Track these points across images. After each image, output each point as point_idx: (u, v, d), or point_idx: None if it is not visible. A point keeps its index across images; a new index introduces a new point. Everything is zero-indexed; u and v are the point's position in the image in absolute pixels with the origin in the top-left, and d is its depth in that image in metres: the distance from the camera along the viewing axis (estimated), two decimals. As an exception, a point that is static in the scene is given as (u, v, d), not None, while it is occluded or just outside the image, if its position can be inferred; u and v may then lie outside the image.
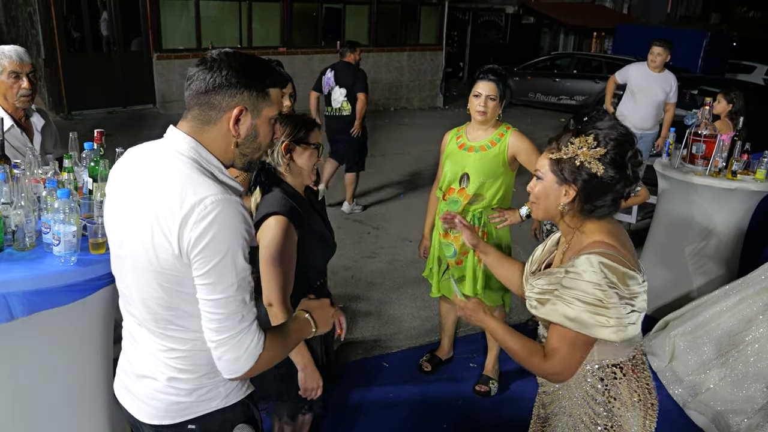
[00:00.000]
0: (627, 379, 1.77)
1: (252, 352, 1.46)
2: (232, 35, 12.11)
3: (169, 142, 1.50)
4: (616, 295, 1.59)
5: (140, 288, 1.52)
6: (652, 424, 1.82)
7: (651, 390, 1.82)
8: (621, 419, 1.77)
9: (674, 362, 3.62)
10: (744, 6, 28.83)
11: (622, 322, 1.60)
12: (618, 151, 1.65)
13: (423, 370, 3.72)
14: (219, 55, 1.48)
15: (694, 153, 4.28)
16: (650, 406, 1.82)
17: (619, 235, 1.72)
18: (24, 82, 2.78)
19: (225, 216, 1.39)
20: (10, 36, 11.03)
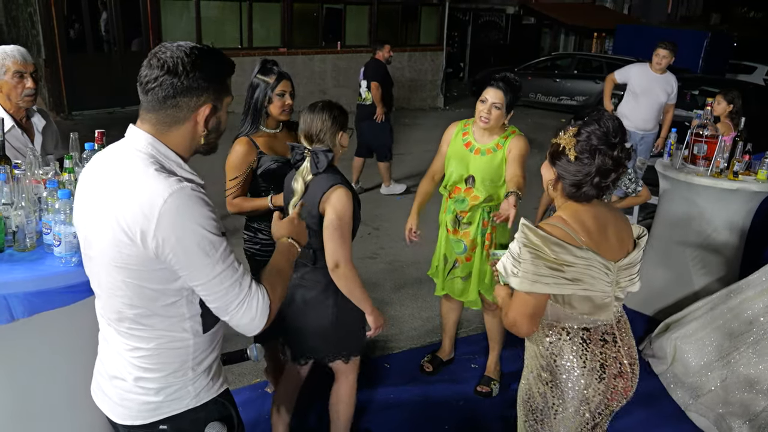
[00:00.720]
0: (573, 344, 1.94)
1: (262, 309, 1.53)
2: (233, 35, 12.11)
3: (129, 142, 1.52)
4: (530, 254, 1.80)
5: (106, 287, 1.55)
6: (595, 396, 1.95)
7: (606, 367, 1.95)
8: (562, 378, 1.95)
9: (675, 364, 3.62)
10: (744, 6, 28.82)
11: (528, 277, 1.81)
12: (591, 140, 1.84)
13: (424, 370, 3.71)
14: (173, 54, 1.46)
15: (695, 153, 4.28)
16: (597, 380, 1.94)
17: (586, 218, 1.89)
18: (29, 81, 2.78)
19: (185, 205, 1.42)
20: (10, 36, 11.02)
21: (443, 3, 14.94)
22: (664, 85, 6.08)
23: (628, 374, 2.00)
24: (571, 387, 1.95)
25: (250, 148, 2.80)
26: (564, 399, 1.97)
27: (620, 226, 1.98)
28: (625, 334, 2.04)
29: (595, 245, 1.86)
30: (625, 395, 2.03)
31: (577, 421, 1.97)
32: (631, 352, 2.04)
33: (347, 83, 13.74)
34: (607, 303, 1.92)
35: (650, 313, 4.51)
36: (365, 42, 13.96)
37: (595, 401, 1.96)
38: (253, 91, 2.81)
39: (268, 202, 2.83)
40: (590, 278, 1.84)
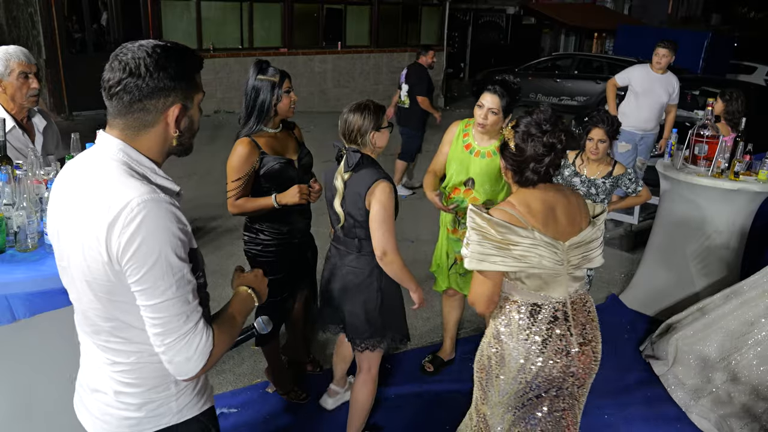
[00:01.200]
0: (520, 317, 2.11)
1: (202, 351, 1.42)
2: (233, 36, 12.12)
3: (99, 149, 1.45)
4: (477, 236, 2.00)
5: (80, 299, 1.49)
6: (533, 368, 2.09)
7: (549, 343, 2.09)
8: (505, 346, 2.13)
9: (676, 366, 3.61)
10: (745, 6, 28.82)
11: (476, 256, 2.00)
12: (525, 130, 2.04)
13: (425, 371, 3.71)
14: (134, 55, 1.38)
15: (696, 154, 4.27)
16: (536, 354, 2.09)
17: (533, 201, 2.06)
18: (33, 82, 2.79)
19: (153, 217, 1.34)
20: (11, 36, 11.03)
21: (444, 3, 14.95)
22: (666, 85, 6.08)
23: (574, 354, 2.11)
24: (510, 354, 2.12)
25: (252, 148, 2.80)
26: (504, 364, 2.14)
27: (572, 207, 2.11)
28: (582, 316, 2.16)
29: (541, 226, 2.02)
30: (573, 374, 2.13)
31: (515, 388, 2.13)
32: (585, 333, 2.15)
33: (348, 83, 13.74)
34: (558, 281, 2.08)
35: (651, 314, 4.51)
36: (366, 42, 13.97)
37: (533, 372, 2.09)
38: (257, 93, 2.80)
39: (272, 202, 2.83)
40: (537, 256, 2.00)
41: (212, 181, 7.49)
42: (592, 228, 2.14)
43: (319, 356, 3.80)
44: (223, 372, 3.59)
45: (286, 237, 3.00)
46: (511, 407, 2.18)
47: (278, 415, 3.24)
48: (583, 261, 2.12)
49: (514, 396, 2.16)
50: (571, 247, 2.07)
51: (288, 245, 3.02)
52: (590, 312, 2.21)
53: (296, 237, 3.06)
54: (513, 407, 2.18)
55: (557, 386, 2.14)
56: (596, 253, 2.16)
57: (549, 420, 2.19)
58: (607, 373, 3.76)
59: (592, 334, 2.19)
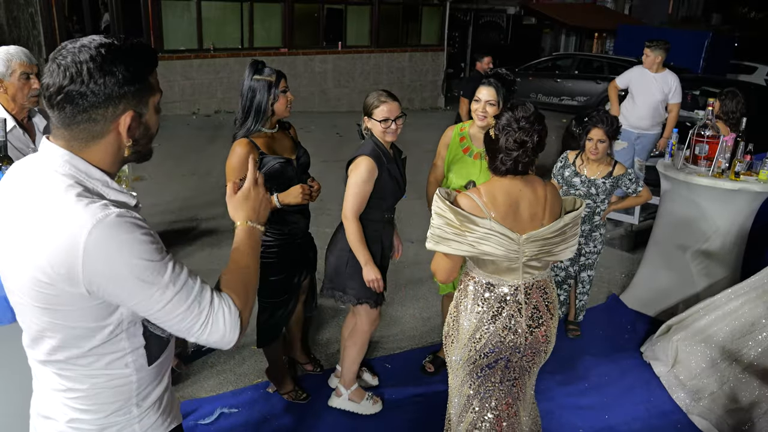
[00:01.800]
0: (476, 291, 2.29)
1: (231, 323, 1.35)
2: (234, 36, 12.12)
3: (43, 160, 1.29)
4: (439, 219, 2.16)
5: (31, 325, 1.34)
6: (482, 339, 2.27)
7: (498, 318, 2.26)
8: (461, 315, 2.33)
9: (677, 367, 3.61)
10: (745, 6, 28.80)
11: (434, 238, 2.17)
12: (503, 123, 2.18)
13: (426, 371, 3.71)
14: (75, 58, 1.22)
15: (696, 154, 4.27)
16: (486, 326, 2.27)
17: (499, 193, 2.19)
18: (35, 82, 2.79)
19: (114, 237, 1.21)
20: (11, 37, 11.04)
21: (444, 3, 14.95)
22: (661, 84, 6.06)
23: (521, 333, 2.28)
24: (464, 323, 2.32)
25: (251, 149, 2.80)
26: (459, 331, 2.33)
27: (537, 203, 2.23)
28: (536, 300, 2.30)
29: (501, 218, 2.16)
30: (519, 351, 2.31)
31: (466, 354, 2.32)
32: (536, 317, 2.30)
33: (348, 83, 13.74)
34: (512, 268, 2.23)
35: (652, 314, 4.51)
36: (366, 42, 13.97)
37: (482, 342, 2.28)
38: (254, 93, 2.81)
39: (275, 202, 2.82)
40: (491, 245, 2.14)
41: (212, 181, 7.49)
42: (555, 224, 2.22)
43: (319, 356, 3.81)
44: (224, 372, 3.59)
45: (287, 237, 3.01)
46: (467, 378, 2.37)
47: (279, 415, 3.24)
48: (542, 254, 2.23)
49: (467, 362, 2.33)
50: (527, 240, 2.18)
51: (289, 245, 3.03)
52: (547, 297, 2.34)
53: (297, 237, 3.07)
54: (469, 378, 2.37)
55: (506, 358, 2.32)
56: (560, 248, 2.25)
57: (501, 389, 2.39)
58: (607, 374, 3.77)
59: (544, 318, 2.32)
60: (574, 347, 4.05)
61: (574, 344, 4.10)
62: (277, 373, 3.35)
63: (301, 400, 3.34)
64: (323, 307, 4.28)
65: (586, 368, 3.81)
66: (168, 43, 11.32)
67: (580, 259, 4.07)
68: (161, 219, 5.89)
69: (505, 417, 2.43)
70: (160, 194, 6.67)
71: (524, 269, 2.24)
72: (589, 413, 3.39)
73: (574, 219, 2.27)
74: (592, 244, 4.01)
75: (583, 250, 4.02)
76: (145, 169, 7.28)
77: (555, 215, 2.27)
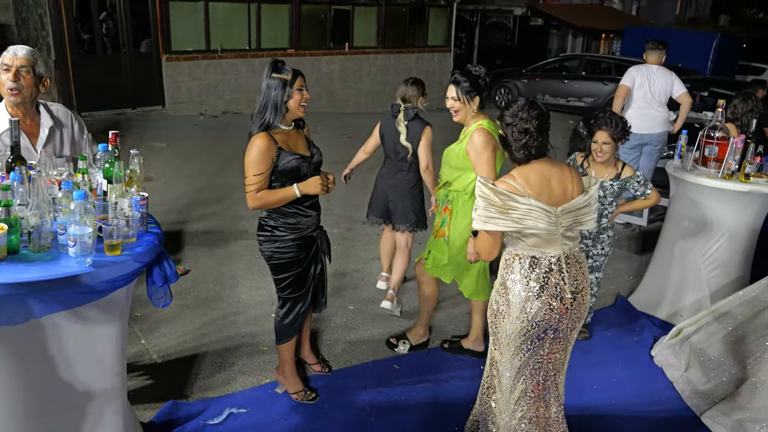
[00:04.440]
0: (522, 266, 2.52)
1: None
2: (241, 37, 12.15)
3: None
4: (483, 201, 2.43)
5: None
6: (532, 309, 2.49)
7: (546, 288, 2.49)
8: (510, 290, 2.55)
9: (690, 371, 3.58)
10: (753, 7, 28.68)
11: (481, 218, 2.44)
12: (506, 122, 2.51)
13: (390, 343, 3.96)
14: None
15: (706, 155, 4.25)
16: (535, 297, 2.49)
17: (531, 174, 2.48)
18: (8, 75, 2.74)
19: None
20: (20, 37, 11.10)
21: (451, 4, 14.94)
22: (661, 78, 6.04)
23: (568, 299, 2.51)
24: (514, 298, 2.52)
25: (270, 142, 2.88)
26: (509, 305, 2.53)
27: (565, 179, 2.52)
28: (575, 269, 2.55)
29: (536, 195, 2.43)
30: (566, 317, 2.52)
31: (518, 327, 2.52)
32: (577, 284, 2.54)
33: (355, 84, 13.76)
34: (553, 239, 2.49)
35: (661, 316, 4.49)
36: (373, 43, 13.98)
37: (532, 312, 2.49)
38: (270, 90, 2.89)
39: (294, 191, 2.91)
40: (532, 219, 2.41)
41: (219, 182, 7.51)
42: (583, 196, 2.52)
43: (327, 356, 3.81)
44: (231, 372, 3.60)
45: (301, 230, 3.07)
46: (517, 350, 2.56)
47: (287, 416, 3.25)
48: (575, 224, 2.52)
49: (518, 336, 2.53)
50: (563, 212, 2.47)
51: (303, 239, 3.09)
52: (582, 267, 2.60)
53: (310, 230, 3.13)
54: (519, 350, 2.56)
55: (554, 327, 2.53)
56: (588, 217, 2.56)
57: (550, 360, 2.60)
58: (616, 375, 3.76)
59: (583, 285, 2.58)
60: (582, 349, 4.03)
61: (583, 346, 4.08)
62: (288, 373, 3.36)
63: (310, 400, 3.35)
64: (328, 307, 4.28)
65: (594, 370, 3.79)
66: (176, 44, 11.36)
67: (588, 261, 4.05)
68: (166, 218, 5.90)
69: (552, 387, 2.67)
70: (166, 194, 6.69)
71: (562, 240, 2.50)
72: (597, 416, 3.38)
73: (595, 192, 2.59)
74: (600, 246, 4.00)
75: (591, 252, 4.00)
76: (153, 169, 7.31)
77: (581, 189, 2.56)
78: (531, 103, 2.50)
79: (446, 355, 3.92)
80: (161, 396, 3.32)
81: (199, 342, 3.89)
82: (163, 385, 3.44)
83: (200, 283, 4.70)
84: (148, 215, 2.48)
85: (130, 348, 3.62)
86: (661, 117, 6.13)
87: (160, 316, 4.11)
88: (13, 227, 2.10)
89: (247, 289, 4.64)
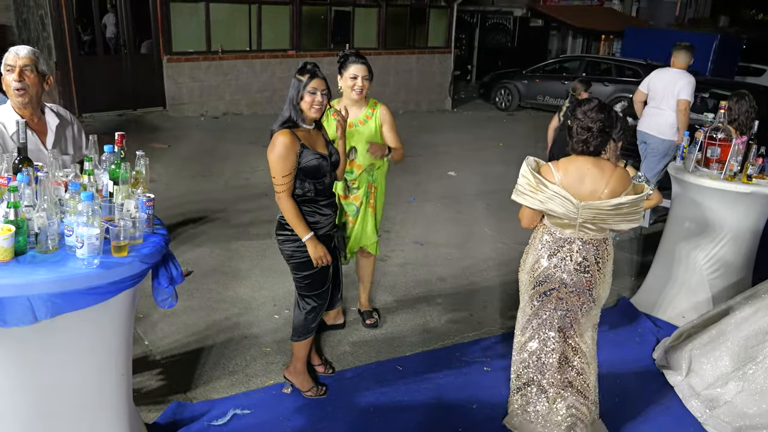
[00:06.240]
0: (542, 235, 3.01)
1: None
2: (242, 38, 12.15)
3: None
4: (524, 179, 2.89)
5: None
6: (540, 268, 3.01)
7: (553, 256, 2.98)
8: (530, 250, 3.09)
9: (691, 376, 3.57)
10: (753, 8, 28.71)
11: (518, 192, 2.93)
12: (575, 116, 2.88)
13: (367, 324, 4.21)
14: None
15: (708, 156, 4.26)
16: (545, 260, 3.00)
17: (571, 168, 2.86)
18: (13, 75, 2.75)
19: None
20: (21, 38, 11.11)
21: (451, 5, 14.95)
22: (673, 82, 5.99)
23: (569, 274, 2.97)
24: (529, 257, 3.08)
25: (293, 138, 2.94)
26: (526, 261, 3.11)
27: (599, 182, 2.84)
28: (586, 251, 2.95)
29: (567, 185, 2.83)
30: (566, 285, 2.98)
31: (529, 277, 3.07)
32: (583, 264, 2.96)
33: (355, 85, 13.74)
34: (571, 225, 2.90)
35: (663, 318, 4.49)
36: (374, 44, 13.99)
37: (538, 272, 3.02)
38: (290, 89, 2.99)
39: (306, 236, 3.03)
40: (555, 204, 2.85)
41: (221, 183, 7.53)
42: (610, 202, 2.81)
43: (330, 357, 3.82)
44: (235, 373, 3.61)
45: (319, 229, 3.13)
46: (531, 299, 3.08)
47: (292, 417, 3.25)
48: (597, 221, 2.87)
49: (529, 286, 3.07)
50: (583, 206, 2.82)
51: (321, 237, 3.13)
52: (598, 253, 2.97)
53: (326, 228, 3.18)
54: (531, 299, 3.08)
55: (557, 289, 3.00)
56: (616, 220, 2.87)
57: (556, 315, 3.04)
58: (618, 377, 3.76)
59: (591, 268, 2.97)
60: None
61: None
62: (300, 370, 3.38)
63: (322, 395, 3.41)
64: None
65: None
66: (177, 45, 11.36)
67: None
68: (167, 219, 5.90)
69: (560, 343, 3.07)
70: (167, 195, 6.69)
71: (580, 227, 2.90)
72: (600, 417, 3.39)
73: (632, 201, 2.84)
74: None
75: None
76: (154, 171, 7.31)
77: (614, 194, 2.84)
78: (602, 106, 2.85)
79: (449, 355, 3.93)
80: (165, 397, 3.33)
81: (202, 343, 3.89)
82: (166, 386, 3.45)
83: (203, 284, 4.70)
84: (154, 216, 2.49)
85: (133, 349, 3.62)
86: (663, 120, 6.11)
87: (163, 317, 4.11)
88: (20, 228, 2.11)
89: (249, 290, 4.64)
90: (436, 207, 7.09)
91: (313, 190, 3.06)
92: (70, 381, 2.25)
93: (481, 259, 5.54)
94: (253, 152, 8.75)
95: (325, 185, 3.11)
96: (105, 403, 2.40)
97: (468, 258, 5.57)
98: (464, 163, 9.34)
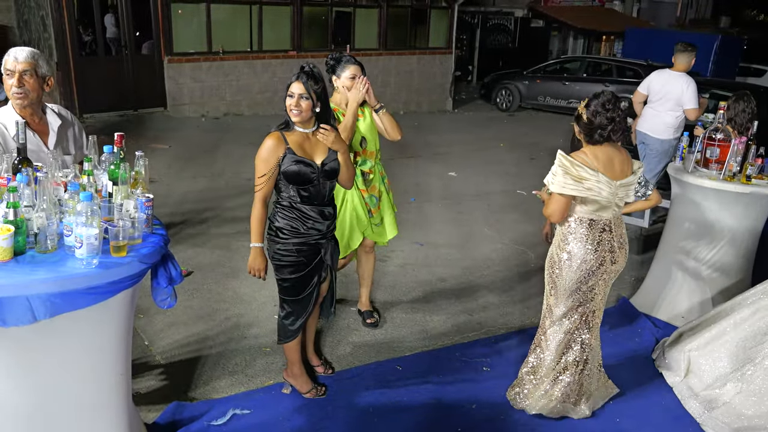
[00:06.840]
0: (581, 227, 3.12)
1: None
2: (243, 39, 12.16)
3: None
4: (561, 170, 2.99)
5: None
6: (590, 261, 3.12)
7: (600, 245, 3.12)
8: (572, 247, 3.14)
9: (689, 376, 3.56)
10: (754, 9, 28.69)
11: (560, 184, 2.99)
12: (594, 109, 3.02)
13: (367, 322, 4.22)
14: None
15: (708, 157, 4.26)
16: (593, 252, 3.11)
17: (599, 153, 3.05)
18: (12, 81, 2.76)
19: None
20: (22, 39, 11.12)
21: (452, 6, 14.96)
22: (674, 85, 6.02)
23: (617, 251, 3.17)
24: (576, 252, 3.13)
25: (278, 142, 2.94)
26: (572, 259, 3.14)
27: (623, 161, 3.10)
28: (618, 228, 3.19)
29: (602, 169, 3.01)
30: (614, 263, 3.16)
31: (578, 275, 3.15)
32: (620, 239, 3.19)
33: (356, 86, 13.74)
34: (608, 206, 3.07)
35: (662, 317, 4.49)
36: (375, 45, 14.00)
37: (590, 263, 3.12)
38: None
39: (252, 244, 3.04)
40: (598, 188, 3.00)
41: (221, 182, 7.53)
42: (634, 176, 3.13)
43: (330, 358, 3.82)
44: (235, 373, 3.61)
45: (304, 236, 3.07)
46: (572, 293, 3.18)
47: (291, 417, 3.26)
48: (625, 196, 3.15)
49: (576, 282, 3.16)
50: (620, 185, 3.06)
51: (306, 245, 3.09)
52: (622, 227, 3.23)
53: (315, 237, 3.11)
54: (574, 292, 3.18)
55: (605, 272, 3.15)
56: (632, 192, 3.19)
57: (594, 302, 3.22)
58: (617, 376, 3.76)
59: (624, 239, 3.22)
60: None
61: (585, 347, 4.09)
62: (297, 372, 3.38)
63: (321, 395, 3.40)
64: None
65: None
66: (177, 46, 11.37)
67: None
68: (168, 219, 5.91)
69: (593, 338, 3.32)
70: (168, 195, 6.70)
71: (613, 207, 3.08)
72: (598, 416, 3.39)
73: (640, 173, 3.20)
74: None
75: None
76: (155, 171, 7.32)
77: (631, 170, 3.14)
78: (616, 98, 3.03)
79: (449, 356, 3.93)
80: (165, 397, 3.33)
81: (202, 343, 3.90)
82: (166, 386, 3.45)
83: (203, 284, 4.71)
84: (153, 216, 2.50)
85: (133, 349, 3.62)
86: (660, 121, 6.12)
87: (163, 317, 4.12)
88: (20, 229, 2.11)
89: (249, 290, 4.65)
90: (436, 207, 7.09)
91: (297, 196, 3.00)
92: (70, 381, 2.26)
93: (481, 260, 5.55)
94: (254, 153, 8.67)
95: (312, 193, 3.02)
96: (104, 402, 2.40)
97: (468, 258, 5.57)
98: (465, 164, 9.34)
